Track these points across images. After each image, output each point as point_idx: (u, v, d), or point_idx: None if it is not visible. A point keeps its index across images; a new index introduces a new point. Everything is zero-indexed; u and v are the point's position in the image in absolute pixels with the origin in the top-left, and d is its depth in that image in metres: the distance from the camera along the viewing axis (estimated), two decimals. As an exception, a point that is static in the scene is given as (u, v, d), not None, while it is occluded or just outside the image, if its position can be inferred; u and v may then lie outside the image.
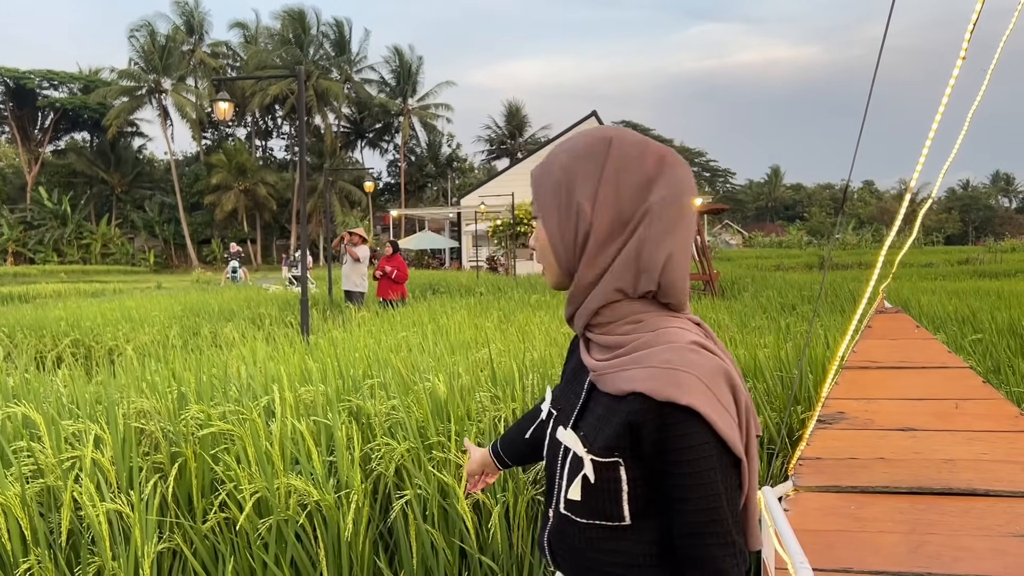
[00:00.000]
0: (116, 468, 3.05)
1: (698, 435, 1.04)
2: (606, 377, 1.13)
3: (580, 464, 1.14)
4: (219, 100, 8.72)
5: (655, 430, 1.06)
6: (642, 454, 1.09)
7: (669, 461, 1.06)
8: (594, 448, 1.12)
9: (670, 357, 1.07)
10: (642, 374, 1.07)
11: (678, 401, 1.03)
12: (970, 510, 2.73)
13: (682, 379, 1.05)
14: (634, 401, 1.07)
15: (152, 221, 57.66)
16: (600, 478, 1.11)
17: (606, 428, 1.12)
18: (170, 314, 11.38)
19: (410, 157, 64.58)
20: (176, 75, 55.00)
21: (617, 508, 1.12)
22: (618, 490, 1.11)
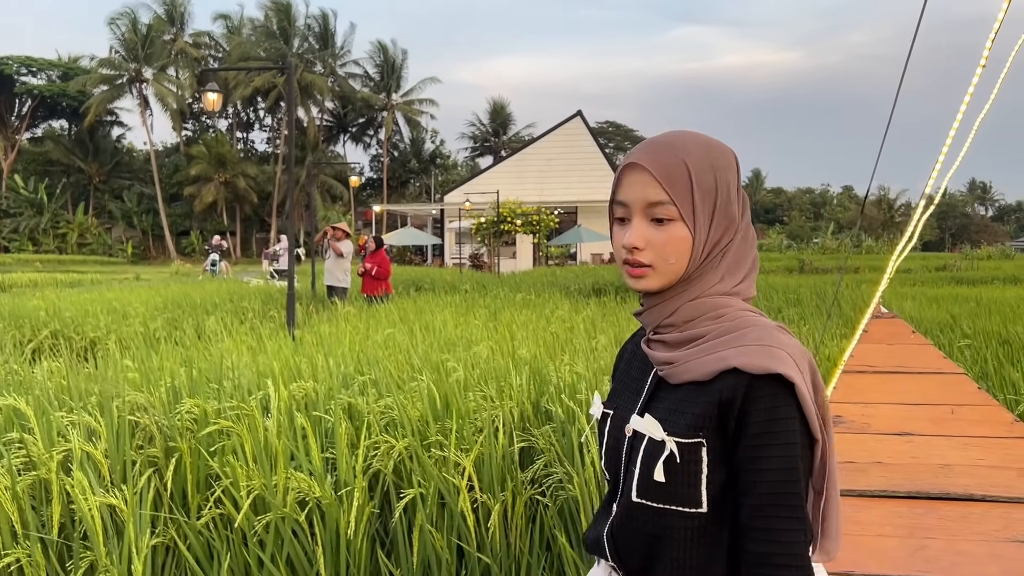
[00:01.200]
0: (110, 461, 3.01)
1: (785, 408, 1.08)
2: (686, 366, 1.15)
3: (659, 449, 1.14)
4: (208, 91, 8.63)
5: (744, 402, 1.08)
6: (725, 432, 1.10)
7: (752, 433, 1.08)
8: (676, 430, 1.13)
9: (761, 335, 1.11)
10: (733, 352, 1.10)
11: (773, 370, 1.06)
12: (967, 515, 2.75)
13: (775, 353, 1.08)
14: (726, 379, 1.10)
15: (130, 211, 57.01)
16: (683, 459, 1.12)
17: (689, 410, 1.13)
18: (151, 306, 11.24)
19: (393, 153, 64.35)
20: (157, 65, 54.43)
21: (695, 492, 1.12)
22: (698, 472, 1.12)
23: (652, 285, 1.18)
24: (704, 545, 1.14)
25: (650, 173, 1.15)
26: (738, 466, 1.10)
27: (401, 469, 3.24)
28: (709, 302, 1.18)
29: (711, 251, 1.17)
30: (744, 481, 1.10)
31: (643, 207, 1.17)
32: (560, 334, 7.11)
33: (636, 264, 1.18)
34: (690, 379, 1.14)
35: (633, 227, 1.17)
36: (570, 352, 5.64)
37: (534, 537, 3.06)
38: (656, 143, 1.19)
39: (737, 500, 1.11)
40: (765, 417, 1.07)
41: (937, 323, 7.62)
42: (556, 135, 39.31)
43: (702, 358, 1.13)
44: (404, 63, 60.49)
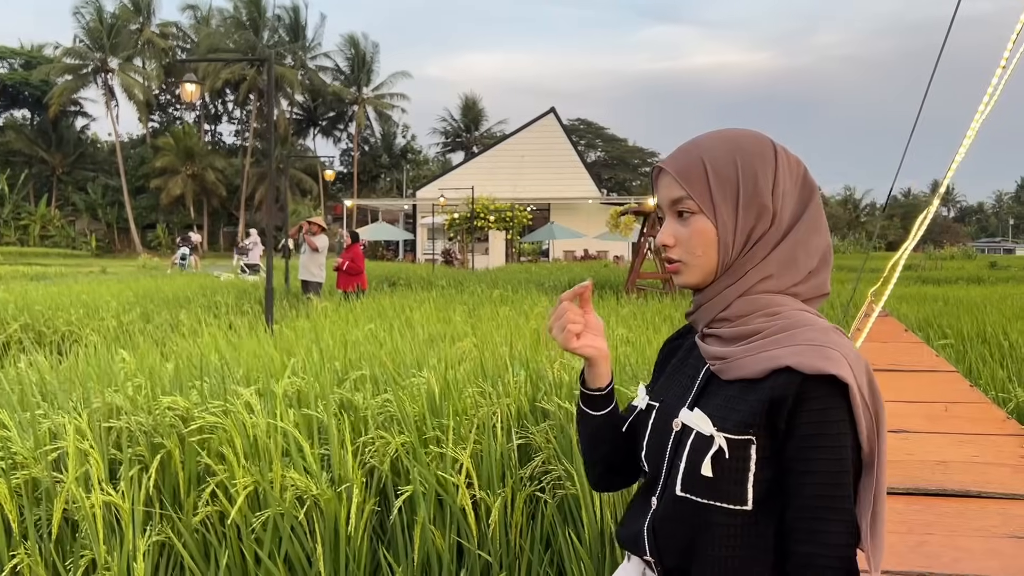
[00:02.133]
0: (100, 459, 2.94)
1: (837, 410, 1.07)
2: (739, 362, 1.15)
3: (707, 443, 1.14)
4: (186, 81, 8.48)
5: (796, 402, 1.08)
6: (775, 431, 1.10)
7: (802, 434, 1.08)
8: (726, 426, 1.13)
9: (815, 336, 1.11)
10: (788, 351, 1.10)
11: (827, 371, 1.06)
12: (965, 511, 2.79)
13: (830, 354, 1.07)
14: (778, 377, 1.09)
15: (95, 204, 56.05)
16: (732, 455, 1.12)
17: (741, 407, 1.12)
18: (123, 300, 11.05)
19: (364, 147, 63.95)
20: (123, 55, 53.59)
21: (741, 490, 1.11)
22: (745, 469, 1.11)
23: (689, 280, 1.21)
24: (747, 544, 1.13)
25: (670, 174, 1.21)
26: (786, 466, 1.10)
27: (398, 466, 3.21)
28: (764, 299, 1.18)
29: (746, 241, 1.18)
30: (792, 482, 1.09)
31: (668, 206, 1.22)
32: (542, 330, 7.11)
33: (669, 261, 1.24)
34: (741, 376, 1.14)
35: (663, 226, 1.24)
36: (555, 348, 5.64)
37: (534, 534, 3.05)
38: (679, 147, 1.25)
39: (784, 500, 1.11)
40: (816, 418, 1.07)
41: (912, 321, 7.73)
42: (529, 132, 39.34)
43: (755, 355, 1.13)
44: (375, 57, 60.19)
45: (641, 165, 78.49)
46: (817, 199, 1.22)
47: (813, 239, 1.19)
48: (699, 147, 1.20)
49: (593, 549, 2.93)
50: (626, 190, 65.94)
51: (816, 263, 1.20)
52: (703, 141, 1.22)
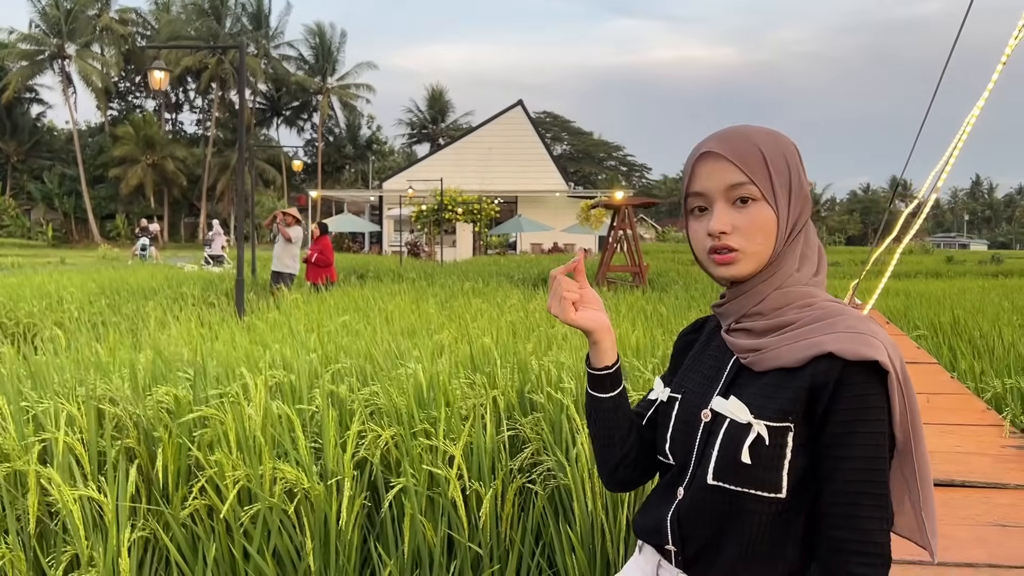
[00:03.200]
0: (88, 452, 2.88)
1: (876, 396, 1.08)
2: (775, 352, 1.15)
3: (742, 432, 1.14)
4: (155, 68, 8.30)
5: (836, 387, 1.09)
6: (812, 418, 1.11)
7: (840, 420, 1.09)
8: (765, 414, 1.13)
9: (854, 324, 1.12)
10: (829, 338, 1.11)
11: (869, 357, 1.07)
12: (950, 500, 2.84)
13: (871, 341, 1.09)
14: (819, 363, 1.10)
15: (51, 193, 54.79)
16: (770, 443, 1.12)
17: (780, 395, 1.13)
18: (86, 291, 10.83)
19: (328, 138, 63.32)
20: (81, 41, 52.39)
21: (776, 477, 1.12)
22: (781, 456, 1.12)
23: (743, 270, 1.18)
24: (778, 531, 1.14)
25: (726, 158, 1.16)
26: (822, 451, 1.11)
27: (388, 458, 3.18)
28: (796, 291, 1.19)
29: (792, 231, 1.19)
30: (828, 467, 1.10)
31: (723, 192, 1.17)
32: (517, 323, 7.11)
33: (724, 250, 1.17)
34: (779, 365, 1.14)
35: (716, 213, 1.18)
36: (535, 341, 5.64)
37: (525, 526, 3.05)
38: (724, 133, 1.21)
39: (819, 486, 1.12)
40: (856, 404, 1.08)
41: (884, 314, 7.86)
42: (497, 124, 39.24)
43: (793, 344, 1.14)
44: (341, 47, 59.56)
45: (606, 158, 78.82)
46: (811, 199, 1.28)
47: (813, 234, 1.24)
48: (747, 136, 1.19)
49: (585, 540, 2.93)
50: (592, 183, 66.19)
51: (820, 254, 1.24)
52: (745, 131, 1.20)
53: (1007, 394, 3.65)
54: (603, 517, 2.94)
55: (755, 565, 1.14)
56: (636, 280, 14.08)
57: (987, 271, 22.72)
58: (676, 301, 10.70)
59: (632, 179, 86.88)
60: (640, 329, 6.60)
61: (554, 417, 3.25)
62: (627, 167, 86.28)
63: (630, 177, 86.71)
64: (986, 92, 2.80)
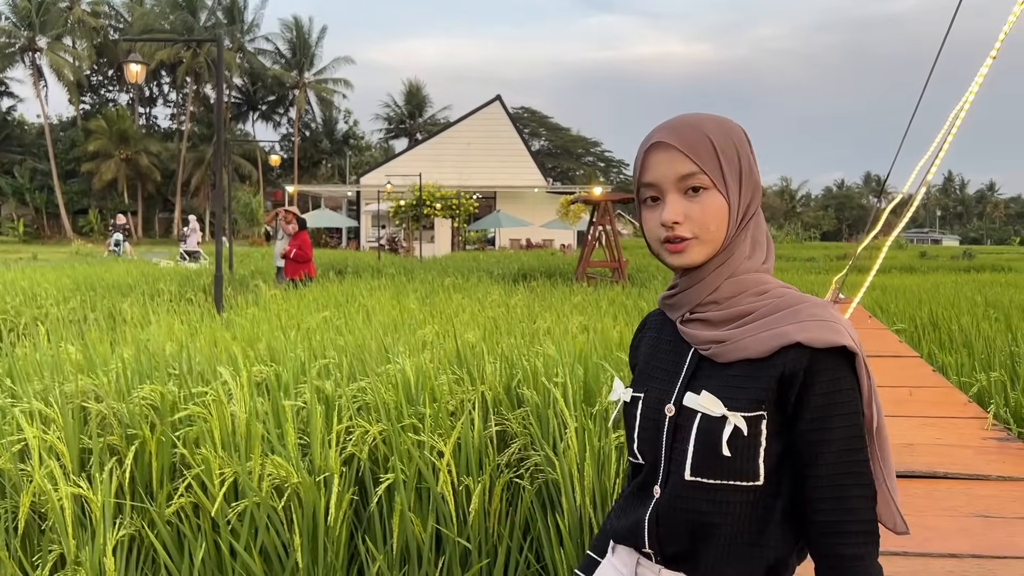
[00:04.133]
0: (69, 450, 2.84)
1: (847, 379, 1.12)
2: (741, 344, 1.15)
3: (718, 425, 1.14)
4: (131, 61, 8.18)
5: (807, 375, 1.11)
6: (784, 405, 1.13)
7: (816, 405, 1.11)
8: (738, 405, 1.14)
9: (818, 311, 1.14)
10: (795, 328, 1.12)
11: (838, 343, 1.09)
12: (932, 492, 2.88)
13: (836, 328, 1.11)
14: (787, 353, 1.11)
15: (22, 188, 53.95)
16: (748, 432, 1.13)
17: (750, 385, 1.14)
18: (61, 287, 10.66)
19: (304, 132, 62.86)
20: (52, 33, 51.60)
21: (753, 465, 1.14)
22: (757, 445, 1.13)
23: (696, 257, 1.18)
24: (758, 518, 1.15)
25: (676, 148, 1.16)
26: (801, 439, 1.13)
27: (376, 454, 3.17)
28: (750, 278, 1.20)
29: (743, 217, 1.20)
30: (809, 453, 1.12)
31: (674, 182, 1.18)
32: (500, 318, 7.10)
33: (677, 239, 1.18)
34: (745, 357, 1.14)
35: (668, 203, 1.18)
36: (518, 335, 5.64)
37: (513, 521, 3.05)
38: (673, 123, 1.21)
39: (801, 473, 1.14)
40: (830, 388, 1.11)
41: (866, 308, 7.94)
42: (475, 119, 39.16)
43: (757, 335, 1.14)
44: (319, 41, 59.08)
45: (584, 155, 78.89)
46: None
47: (762, 220, 1.25)
48: (696, 125, 1.19)
49: (573, 534, 2.94)
50: (570, 179, 66.23)
51: (768, 240, 1.25)
52: (693, 120, 1.20)
53: (991, 387, 3.70)
54: (591, 511, 2.95)
55: (738, 555, 1.15)
56: (616, 275, 14.12)
57: (959, 266, 23.07)
58: (656, 295, 10.75)
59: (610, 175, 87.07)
60: (622, 324, 6.63)
61: (541, 412, 3.26)
62: (605, 163, 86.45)
63: (608, 173, 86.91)
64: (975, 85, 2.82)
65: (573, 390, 3.29)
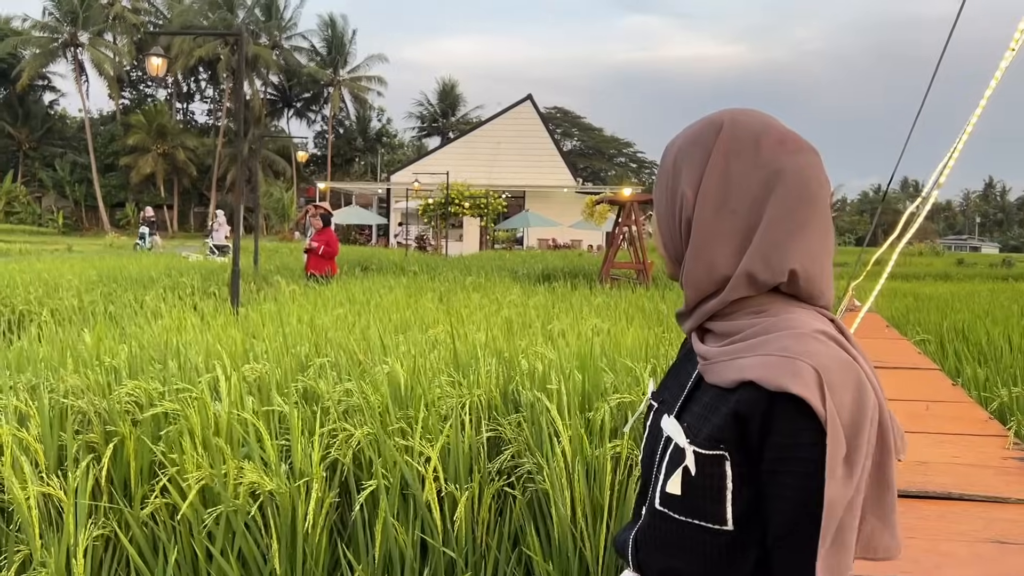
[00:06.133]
0: (44, 447, 2.77)
1: (808, 432, 0.91)
2: (715, 367, 1.03)
3: (681, 456, 1.03)
4: (152, 55, 8.20)
5: (764, 419, 0.95)
6: (749, 448, 0.98)
7: (771, 457, 0.95)
8: (698, 439, 1.01)
9: (788, 344, 0.96)
10: (754, 362, 0.97)
11: (789, 390, 0.91)
12: (947, 514, 2.70)
13: (797, 368, 0.92)
14: (745, 391, 0.96)
15: (62, 181, 54.90)
16: (702, 472, 1.00)
17: (713, 418, 1.01)
18: (85, 279, 10.75)
19: (338, 130, 63.27)
20: (94, 29, 52.43)
21: (719, 508, 1.00)
22: (722, 487, 0.99)
23: (668, 270, 1.15)
24: (729, 563, 1.01)
25: None
26: (761, 488, 0.98)
27: (360, 458, 3.07)
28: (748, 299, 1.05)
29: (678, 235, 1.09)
30: (766, 505, 0.98)
31: None
32: (514, 319, 6.99)
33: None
34: (716, 383, 1.02)
35: None
36: (529, 337, 5.52)
37: (502, 531, 2.93)
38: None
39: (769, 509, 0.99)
40: (785, 441, 0.93)
41: (888, 318, 7.70)
42: (506, 118, 39.09)
43: (727, 362, 1.01)
44: (353, 39, 59.42)
45: (616, 155, 78.52)
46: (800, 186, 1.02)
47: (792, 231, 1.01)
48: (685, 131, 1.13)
49: (563, 548, 2.81)
50: (601, 180, 65.98)
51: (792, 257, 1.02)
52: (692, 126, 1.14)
53: (1013, 403, 3.49)
54: (583, 524, 2.82)
55: None
56: (640, 277, 13.93)
57: (997, 274, 22.43)
58: (677, 299, 10.56)
59: (642, 176, 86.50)
60: (637, 326, 6.49)
61: (536, 417, 3.13)
62: (637, 164, 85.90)
63: (640, 174, 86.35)
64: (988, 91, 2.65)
65: (569, 395, 3.16)
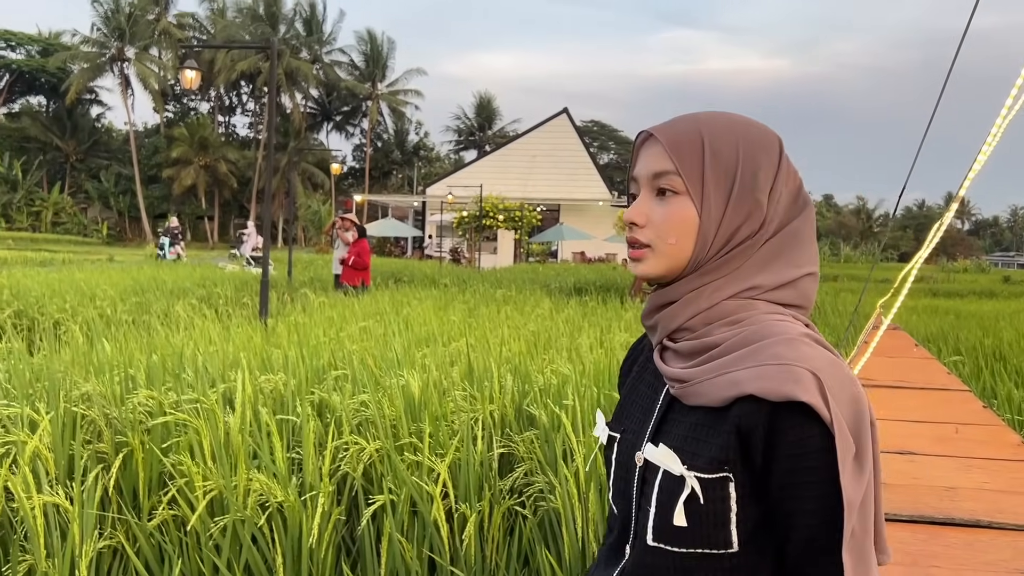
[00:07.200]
0: (55, 456, 2.77)
1: (818, 438, 0.88)
2: (698, 387, 0.95)
3: (677, 485, 0.95)
4: (186, 68, 8.32)
5: (768, 434, 0.89)
6: (752, 465, 0.92)
7: (783, 470, 0.90)
8: (697, 463, 0.94)
9: (780, 351, 0.90)
10: (749, 374, 0.90)
11: (796, 398, 0.87)
12: (974, 543, 2.58)
13: (798, 375, 0.88)
14: (743, 405, 0.90)
15: (107, 192, 56.15)
16: (707, 498, 0.93)
17: (712, 439, 0.94)
18: (120, 288, 10.92)
19: (376, 143, 63.88)
20: (140, 44, 53.63)
21: (724, 532, 0.93)
22: (726, 510, 0.93)
23: (649, 270, 1.02)
24: None
25: (660, 142, 1.01)
26: (773, 505, 0.92)
27: (371, 473, 3.03)
28: (729, 305, 0.99)
29: (729, 239, 0.99)
30: (783, 523, 0.92)
31: (649, 179, 1.02)
32: (541, 332, 6.93)
33: (634, 244, 1.03)
34: (704, 403, 0.95)
35: (636, 201, 1.04)
36: (553, 351, 5.46)
37: (511, 551, 2.87)
38: (678, 116, 1.05)
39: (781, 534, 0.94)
40: (795, 451, 0.89)
41: (922, 335, 7.51)
42: (541, 132, 39.14)
43: (714, 379, 0.94)
44: (391, 53, 60.01)
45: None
46: (811, 215, 1.04)
47: (796, 252, 1.01)
48: (699, 121, 1.01)
49: (574, 570, 2.74)
50: (638, 193, 65.56)
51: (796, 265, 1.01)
52: (705, 117, 1.03)
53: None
54: (594, 545, 2.75)
55: None
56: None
57: (1046, 292, 21.80)
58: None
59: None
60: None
61: (549, 434, 3.07)
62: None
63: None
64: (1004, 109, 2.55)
65: (584, 412, 3.10)
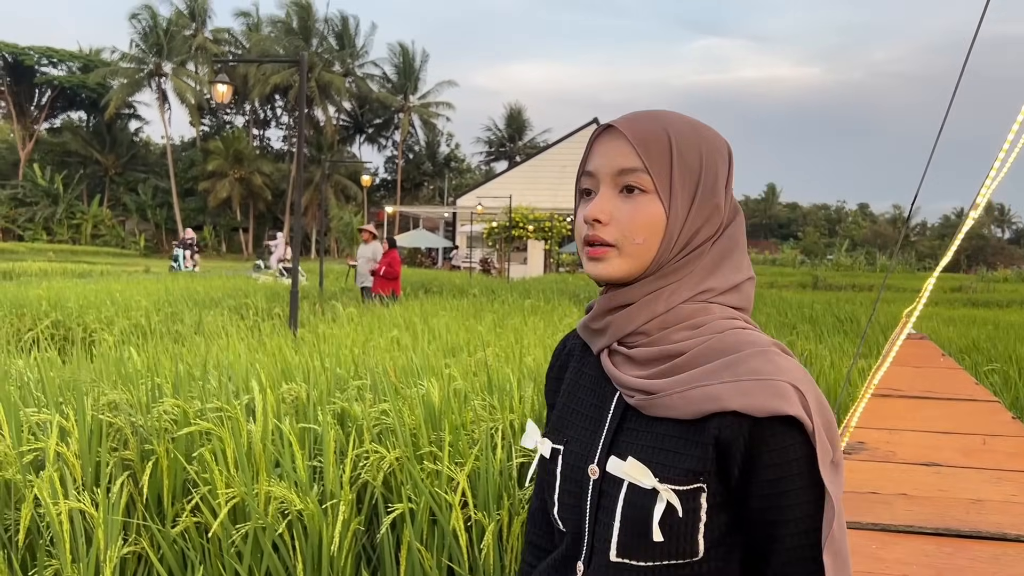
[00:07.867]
0: (82, 463, 2.83)
1: (799, 447, 0.89)
2: (666, 400, 0.93)
3: (646, 498, 0.92)
4: (217, 82, 8.47)
5: (749, 447, 0.89)
6: (727, 476, 0.92)
7: (765, 480, 0.90)
8: (671, 475, 0.92)
9: (757, 366, 0.90)
10: (729, 390, 0.89)
11: (783, 412, 0.87)
12: (1000, 556, 2.53)
13: (781, 389, 0.89)
14: (723, 418, 0.90)
15: (144, 205, 57.18)
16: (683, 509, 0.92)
17: (688, 451, 0.92)
18: (154, 299, 11.11)
19: (408, 155, 64.34)
20: (177, 59, 54.62)
21: (691, 542, 0.92)
22: (695, 521, 0.92)
23: (613, 270, 0.98)
24: None
25: (625, 138, 0.97)
26: (752, 518, 0.92)
27: (391, 481, 3.05)
28: (686, 308, 0.97)
29: (689, 242, 0.98)
30: (765, 533, 0.92)
31: (612, 175, 0.98)
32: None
33: (596, 242, 0.98)
34: (673, 416, 0.93)
35: (597, 197, 0.99)
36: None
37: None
38: (638, 112, 1.02)
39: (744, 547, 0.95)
40: (779, 460, 0.89)
41: (957, 346, 7.37)
42: (571, 142, 39.15)
43: (685, 392, 0.92)
44: (423, 65, 60.44)
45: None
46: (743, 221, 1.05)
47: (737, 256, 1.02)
48: (663, 121, 0.99)
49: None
50: (669, 203, 65.22)
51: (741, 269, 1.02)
52: (663, 115, 1.01)
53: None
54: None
55: None
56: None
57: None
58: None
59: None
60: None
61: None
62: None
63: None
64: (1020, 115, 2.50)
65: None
